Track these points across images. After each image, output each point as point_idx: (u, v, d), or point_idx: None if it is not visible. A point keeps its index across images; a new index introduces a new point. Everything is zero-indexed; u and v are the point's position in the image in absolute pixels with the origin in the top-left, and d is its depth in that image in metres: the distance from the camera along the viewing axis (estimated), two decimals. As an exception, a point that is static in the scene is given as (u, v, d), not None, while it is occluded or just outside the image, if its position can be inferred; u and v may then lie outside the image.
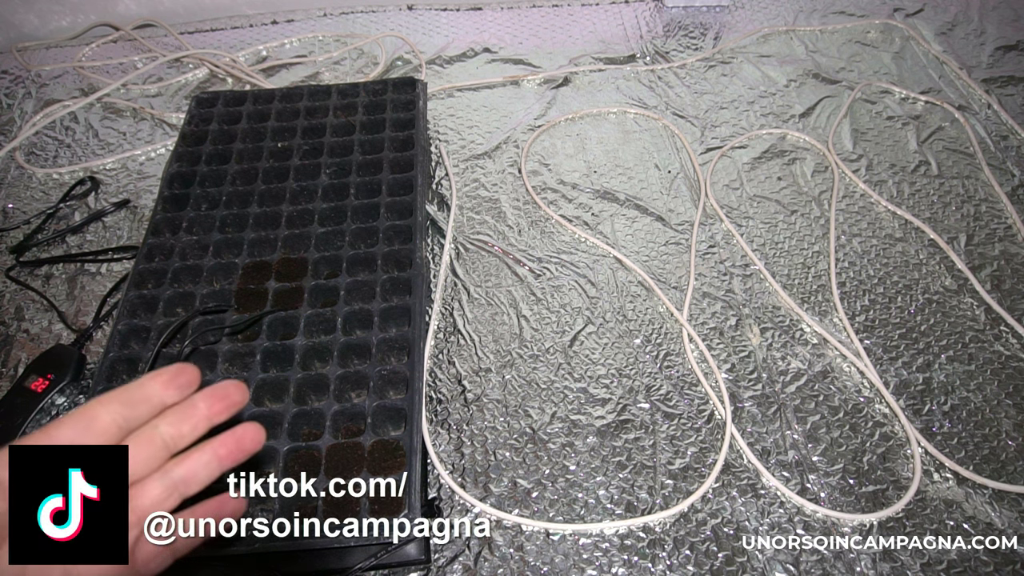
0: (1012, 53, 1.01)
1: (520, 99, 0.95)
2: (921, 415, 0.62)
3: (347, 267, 0.68)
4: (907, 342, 0.67)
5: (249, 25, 1.10)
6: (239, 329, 0.64)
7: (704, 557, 0.54)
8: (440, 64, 1.02)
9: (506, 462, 0.59)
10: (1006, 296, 0.71)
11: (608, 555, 0.54)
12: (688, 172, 0.85)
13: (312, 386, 0.60)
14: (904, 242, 0.76)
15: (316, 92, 0.88)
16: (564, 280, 0.73)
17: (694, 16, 1.10)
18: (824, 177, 0.84)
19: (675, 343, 0.68)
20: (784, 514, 0.56)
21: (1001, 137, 0.88)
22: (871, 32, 1.06)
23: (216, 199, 0.75)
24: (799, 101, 0.94)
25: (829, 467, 0.59)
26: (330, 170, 0.78)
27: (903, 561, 0.53)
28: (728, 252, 0.76)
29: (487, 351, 0.67)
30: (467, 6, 1.13)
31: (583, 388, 0.64)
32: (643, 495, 0.57)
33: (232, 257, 0.70)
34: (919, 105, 0.93)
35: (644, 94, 0.95)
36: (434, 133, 0.90)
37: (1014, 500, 0.56)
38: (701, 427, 0.61)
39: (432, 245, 0.76)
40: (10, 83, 1.01)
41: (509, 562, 0.54)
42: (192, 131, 0.83)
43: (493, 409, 0.63)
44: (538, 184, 0.83)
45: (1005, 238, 0.76)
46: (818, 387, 0.64)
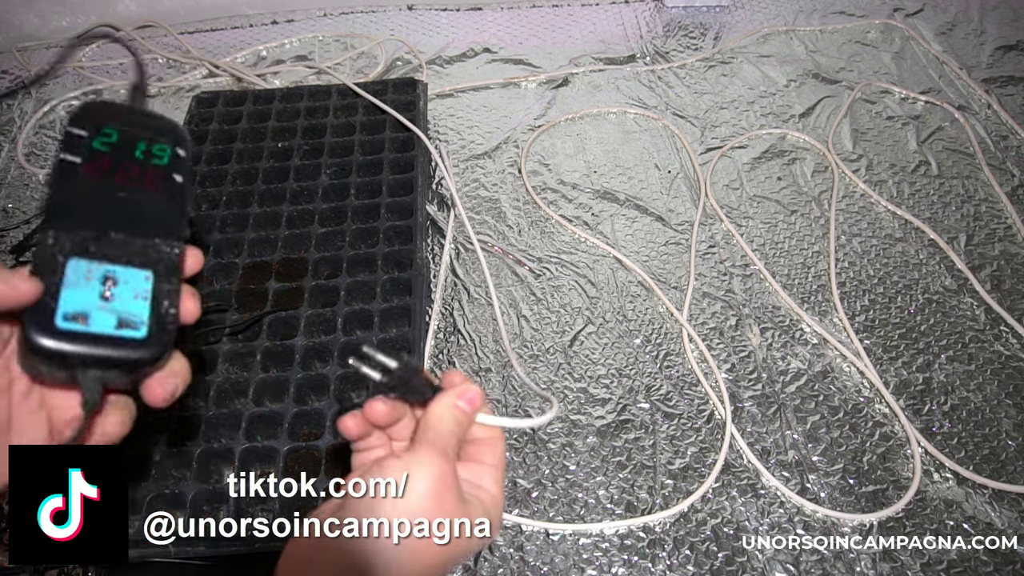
0: (1012, 53, 1.01)
1: (520, 99, 0.95)
2: (921, 415, 0.62)
3: (347, 267, 0.68)
4: (907, 342, 0.67)
5: (249, 25, 1.10)
6: (239, 329, 0.64)
7: (704, 557, 0.54)
8: (440, 64, 1.02)
9: (506, 462, 0.59)
10: (1006, 296, 0.71)
11: (608, 555, 0.54)
12: (688, 172, 0.85)
13: (312, 386, 0.60)
14: (904, 242, 0.76)
15: (316, 92, 0.88)
16: (564, 280, 0.73)
17: (694, 16, 1.10)
18: (824, 177, 0.84)
19: (675, 343, 0.68)
20: (784, 514, 0.56)
21: (1001, 137, 0.88)
22: (871, 32, 1.06)
23: (216, 199, 0.75)
24: (799, 101, 0.94)
25: (829, 467, 0.59)
26: (330, 170, 0.78)
27: (903, 561, 0.53)
28: (728, 252, 0.76)
29: (487, 351, 0.67)
30: (467, 6, 1.13)
31: (583, 388, 0.64)
32: (643, 495, 0.57)
33: (232, 257, 0.70)
34: (919, 105, 0.93)
35: (644, 94, 0.95)
36: (434, 133, 0.90)
37: (1014, 500, 0.56)
38: (701, 427, 0.61)
39: (432, 245, 0.76)
40: (10, 83, 1.01)
41: (509, 562, 0.54)
42: (192, 131, 0.83)
43: (493, 409, 0.63)
44: (538, 184, 0.83)
45: (1005, 238, 0.76)
46: (818, 387, 0.64)
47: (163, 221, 0.33)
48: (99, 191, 0.32)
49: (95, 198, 0.32)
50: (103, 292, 0.30)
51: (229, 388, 0.60)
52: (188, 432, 0.58)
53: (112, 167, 0.32)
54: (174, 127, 0.35)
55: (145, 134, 0.34)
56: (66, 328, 0.29)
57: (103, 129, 0.33)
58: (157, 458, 0.56)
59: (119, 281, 0.31)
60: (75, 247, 0.30)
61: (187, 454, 0.56)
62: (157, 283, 0.32)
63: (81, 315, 0.30)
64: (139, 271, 0.32)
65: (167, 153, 0.34)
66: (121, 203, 0.32)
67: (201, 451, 0.56)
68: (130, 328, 0.31)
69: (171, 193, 0.34)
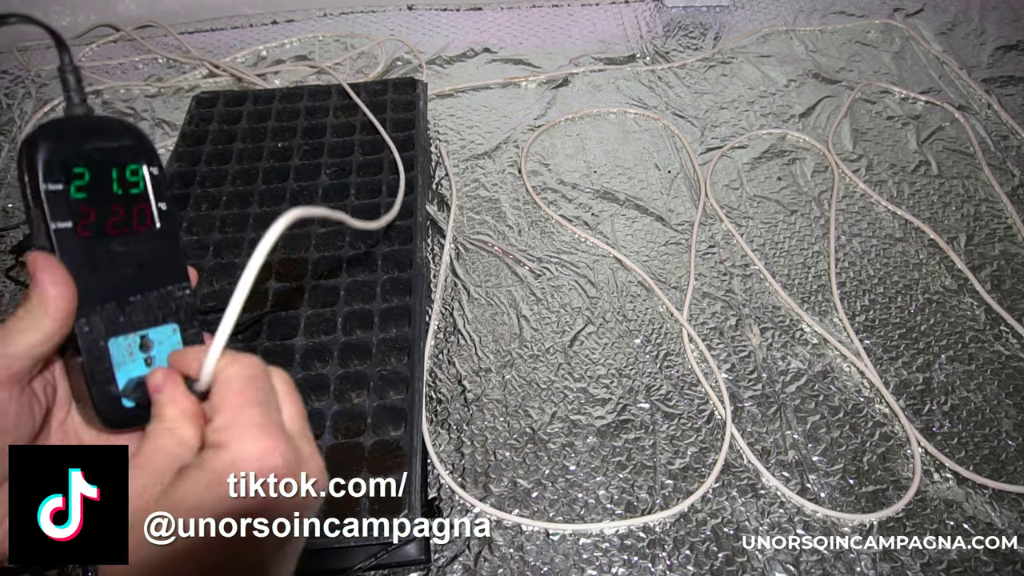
0: (1012, 53, 1.01)
1: (520, 99, 0.95)
2: (921, 415, 0.62)
3: (347, 267, 0.68)
4: (907, 342, 0.67)
5: (249, 25, 1.10)
6: (239, 329, 0.64)
7: (704, 557, 0.54)
8: (440, 64, 1.02)
9: (506, 462, 0.59)
10: (1006, 296, 0.71)
11: (608, 555, 0.54)
12: (688, 172, 0.85)
13: (312, 386, 0.60)
14: (904, 242, 0.76)
15: (316, 92, 0.88)
16: (564, 280, 0.73)
17: (694, 16, 1.10)
18: (824, 177, 0.84)
19: (675, 343, 0.68)
20: (784, 514, 0.56)
21: (1001, 137, 0.88)
22: (871, 32, 1.06)
23: (216, 199, 0.75)
24: (799, 101, 0.94)
25: (829, 467, 0.59)
26: (330, 170, 0.78)
27: (903, 561, 0.53)
28: (728, 252, 0.76)
29: (487, 351, 0.67)
30: (467, 6, 1.13)
31: (583, 388, 0.64)
32: (643, 495, 0.57)
33: (232, 257, 0.70)
34: (919, 105, 0.93)
35: (644, 94, 0.95)
36: (434, 133, 0.90)
37: (1014, 500, 0.56)
38: (701, 427, 0.61)
39: (432, 245, 0.76)
40: (10, 83, 1.01)
41: (509, 562, 0.54)
42: (192, 131, 0.83)
43: (493, 409, 0.63)
44: (538, 184, 0.83)
45: (1005, 238, 0.76)
46: (818, 387, 0.64)
47: (167, 266, 0.33)
48: (100, 254, 0.31)
49: (101, 265, 0.31)
50: (146, 359, 0.32)
51: (229, 388, 0.60)
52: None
53: (99, 218, 0.31)
54: (132, 132, 0.32)
55: (112, 158, 0.31)
56: (130, 405, 0.32)
57: (73, 170, 0.30)
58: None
59: (154, 343, 0.32)
60: (108, 328, 0.31)
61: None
62: (183, 332, 0.34)
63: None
64: (166, 327, 0.33)
65: (140, 177, 0.32)
66: (124, 259, 0.32)
67: (201, 451, 0.56)
68: None
69: (163, 230, 0.33)
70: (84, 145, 0.31)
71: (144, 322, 0.32)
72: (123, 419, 0.32)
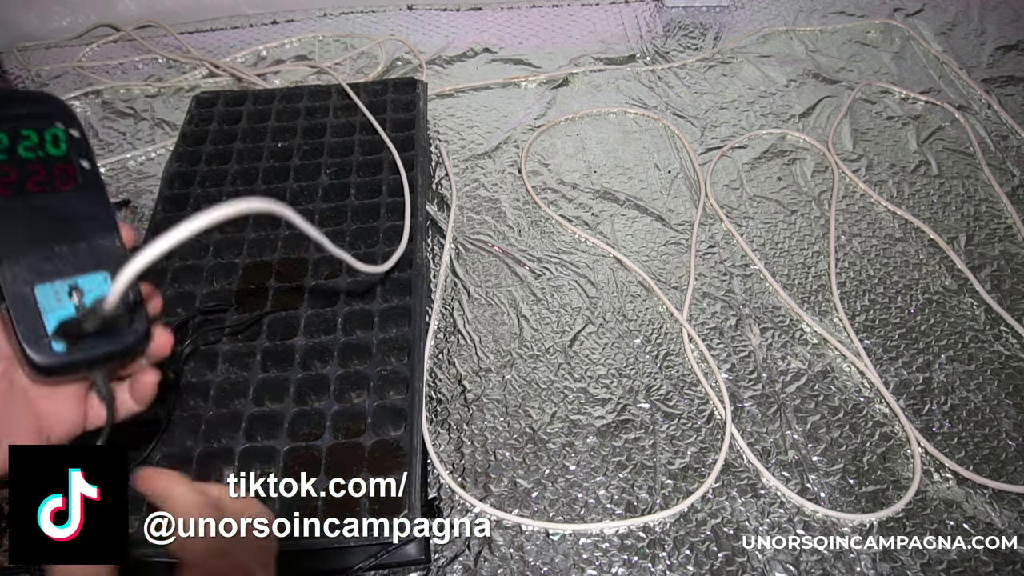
0: (1012, 53, 1.01)
1: (520, 99, 0.95)
2: (921, 415, 0.62)
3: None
4: (907, 342, 0.67)
5: (249, 25, 1.10)
6: (239, 329, 0.64)
7: (704, 557, 0.54)
8: (440, 64, 1.02)
9: (506, 462, 0.59)
10: (1006, 296, 0.71)
11: (608, 555, 0.54)
12: (688, 172, 0.85)
13: (312, 386, 0.60)
14: (904, 242, 0.76)
15: (316, 92, 0.88)
16: (564, 280, 0.73)
17: (694, 16, 1.10)
18: (824, 177, 0.84)
19: (675, 343, 0.68)
20: (784, 514, 0.56)
21: (1001, 137, 0.88)
22: (871, 32, 1.06)
23: (216, 199, 0.75)
24: (799, 101, 0.94)
25: (829, 467, 0.59)
26: (330, 170, 0.78)
27: (903, 561, 0.53)
28: (728, 252, 0.76)
29: (487, 351, 0.67)
30: (467, 6, 1.13)
31: (583, 388, 0.64)
32: (643, 495, 0.57)
33: (232, 257, 0.70)
34: (919, 105, 0.93)
35: (644, 94, 0.95)
36: (434, 133, 0.90)
37: (1014, 500, 0.56)
38: (701, 427, 0.61)
39: (432, 245, 0.76)
40: (10, 83, 1.01)
41: (509, 562, 0.54)
42: (192, 131, 0.83)
43: (493, 409, 0.63)
44: (538, 184, 0.83)
45: (1005, 238, 0.76)
46: (818, 387, 0.64)
47: (93, 219, 0.34)
48: (22, 209, 0.32)
49: (24, 218, 0.32)
50: (76, 306, 0.33)
51: (229, 388, 0.60)
52: (188, 432, 0.58)
53: (19, 177, 0.32)
54: (50, 100, 0.34)
55: (29, 123, 0.33)
56: (59, 348, 0.32)
57: None
58: (157, 458, 0.56)
59: (84, 290, 0.33)
60: (34, 275, 0.32)
61: (187, 454, 0.56)
62: (115, 280, 0.34)
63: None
64: (96, 274, 0.33)
65: (62, 139, 0.34)
66: (47, 213, 0.33)
67: (201, 451, 0.56)
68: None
69: (86, 185, 0.34)
70: (2, 112, 0.33)
71: (72, 270, 0.33)
72: (53, 364, 0.32)
